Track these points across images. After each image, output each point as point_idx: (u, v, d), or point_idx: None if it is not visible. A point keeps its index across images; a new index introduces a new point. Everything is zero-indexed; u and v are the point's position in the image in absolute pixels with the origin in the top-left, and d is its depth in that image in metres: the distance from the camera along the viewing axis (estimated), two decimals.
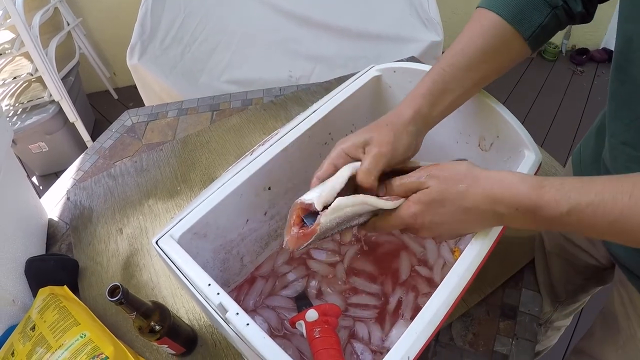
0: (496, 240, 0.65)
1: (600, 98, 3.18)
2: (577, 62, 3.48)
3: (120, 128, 1.43)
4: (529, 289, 0.96)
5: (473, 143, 0.88)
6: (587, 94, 3.24)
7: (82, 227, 1.14)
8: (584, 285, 1.05)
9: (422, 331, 0.56)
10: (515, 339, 0.88)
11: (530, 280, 0.97)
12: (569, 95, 3.24)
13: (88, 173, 1.31)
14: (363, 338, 0.85)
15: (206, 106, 1.46)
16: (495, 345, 0.88)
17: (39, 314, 0.88)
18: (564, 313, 1.21)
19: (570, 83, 3.35)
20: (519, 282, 0.97)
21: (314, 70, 2.06)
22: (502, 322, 0.91)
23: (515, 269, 0.98)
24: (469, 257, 0.62)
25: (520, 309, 0.93)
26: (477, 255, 0.63)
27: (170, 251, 0.65)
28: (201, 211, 0.70)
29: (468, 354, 0.87)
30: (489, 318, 0.92)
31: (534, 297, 0.95)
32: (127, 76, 2.24)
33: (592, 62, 3.51)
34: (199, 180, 1.20)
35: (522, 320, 0.91)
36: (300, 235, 0.64)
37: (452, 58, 0.70)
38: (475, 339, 0.89)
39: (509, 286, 0.96)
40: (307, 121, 0.81)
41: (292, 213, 0.66)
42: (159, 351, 0.90)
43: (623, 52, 0.59)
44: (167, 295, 0.97)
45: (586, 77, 3.39)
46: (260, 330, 0.57)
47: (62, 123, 2.58)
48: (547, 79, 3.39)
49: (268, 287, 0.92)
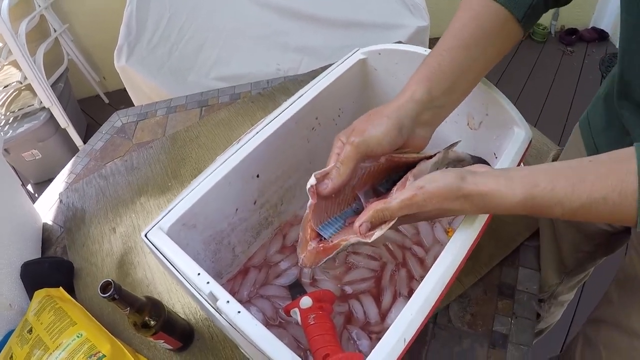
0: (489, 217, 0.64)
1: (591, 77, 3.18)
2: (567, 43, 3.48)
3: (110, 129, 1.43)
4: (526, 267, 0.95)
5: (462, 122, 0.88)
6: (578, 73, 3.24)
7: (75, 228, 1.13)
8: (593, 253, 1.04)
9: (417, 311, 0.55)
10: (514, 318, 0.88)
11: (527, 258, 0.97)
12: (559, 75, 3.24)
13: (80, 176, 1.30)
14: (359, 319, 0.85)
15: (195, 103, 1.45)
16: (495, 324, 0.87)
17: (35, 316, 0.88)
18: (569, 285, 1.20)
19: (560, 63, 3.35)
20: (515, 261, 0.96)
21: (302, 62, 2.05)
22: (500, 302, 0.90)
23: (510, 248, 0.97)
24: (463, 234, 0.62)
25: (518, 288, 0.92)
26: (471, 232, 0.62)
27: (159, 243, 0.64)
28: (189, 201, 0.69)
29: (467, 335, 0.86)
30: (486, 298, 0.91)
31: (531, 275, 0.94)
32: (117, 80, 2.22)
33: (582, 41, 3.50)
34: (189, 175, 1.19)
35: (520, 298, 0.90)
36: (320, 250, 0.61)
37: (447, 43, 0.69)
38: (473, 320, 0.88)
39: (505, 265, 0.96)
40: (293, 107, 0.80)
41: (305, 227, 0.63)
42: (156, 347, 0.89)
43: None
44: (163, 292, 0.97)
45: (576, 57, 3.38)
46: (252, 317, 0.56)
47: (54, 129, 2.57)
48: (537, 60, 3.38)
49: (261, 277, 0.91)
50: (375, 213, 0.58)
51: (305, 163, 0.90)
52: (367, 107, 0.95)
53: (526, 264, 0.96)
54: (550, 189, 0.51)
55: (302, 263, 0.62)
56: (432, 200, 0.56)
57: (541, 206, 0.52)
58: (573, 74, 3.24)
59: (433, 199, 0.56)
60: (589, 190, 0.49)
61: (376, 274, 0.91)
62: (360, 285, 0.89)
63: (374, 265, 0.91)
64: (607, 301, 0.93)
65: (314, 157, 0.91)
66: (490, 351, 0.84)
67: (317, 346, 0.65)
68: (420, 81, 0.67)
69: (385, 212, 0.58)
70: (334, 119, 0.91)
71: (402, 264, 0.92)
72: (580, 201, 0.50)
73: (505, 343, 0.85)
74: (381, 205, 0.58)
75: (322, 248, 0.60)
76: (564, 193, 0.51)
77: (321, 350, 0.64)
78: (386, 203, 0.58)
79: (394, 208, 0.58)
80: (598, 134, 0.85)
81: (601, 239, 0.99)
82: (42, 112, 2.51)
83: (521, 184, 0.53)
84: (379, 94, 0.95)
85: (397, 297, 0.87)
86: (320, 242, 0.61)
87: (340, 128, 0.93)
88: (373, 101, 0.96)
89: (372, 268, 0.91)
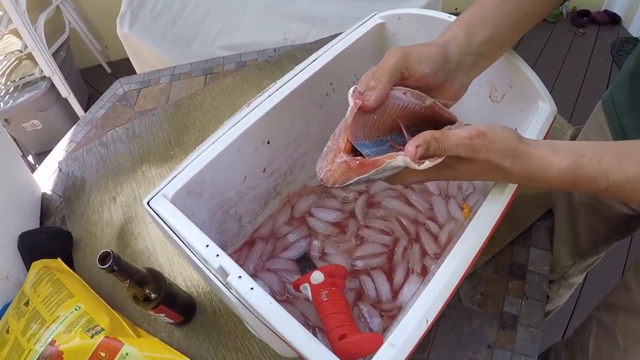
0: (516, 191, 0.61)
1: (602, 60, 3.11)
2: (578, 24, 3.40)
3: (112, 97, 1.40)
4: (537, 247, 0.93)
5: (484, 94, 0.83)
6: (588, 56, 3.17)
7: (75, 198, 1.11)
8: (609, 236, 1.02)
9: (441, 291, 0.52)
10: (524, 299, 0.86)
11: (539, 238, 0.95)
12: (570, 57, 3.17)
13: (80, 144, 1.27)
14: (370, 296, 0.82)
15: (199, 70, 1.41)
16: (505, 305, 0.86)
17: (32, 288, 0.86)
18: (580, 268, 1.18)
19: (571, 45, 3.28)
20: (527, 241, 0.94)
21: (309, 32, 1.99)
22: (510, 282, 0.89)
23: (523, 227, 0.95)
24: (490, 207, 0.58)
25: (529, 268, 0.90)
26: (499, 204, 0.59)
27: (163, 212, 0.60)
28: (196, 167, 0.64)
29: (477, 315, 0.85)
30: (497, 277, 0.89)
31: (543, 255, 0.92)
32: (120, 49, 2.18)
33: (594, 24, 3.42)
34: (193, 143, 1.16)
35: (531, 279, 0.89)
36: (354, 165, 0.50)
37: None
38: (483, 299, 0.87)
39: (517, 244, 0.94)
40: (308, 70, 0.75)
41: (340, 135, 0.54)
42: (156, 321, 0.87)
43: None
44: (164, 263, 0.94)
45: (588, 40, 3.31)
46: (266, 294, 0.52)
47: (55, 99, 2.53)
48: (547, 41, 3.31)
49: (268, 249, 0.88)
50: (432, 139, 0.51)
51: (317, 131, 0.86)
52: None
53: (538, 244, 0.94)
54: (597, 160, 0.49)
55: (323, 177, 0.52)
56: (490, 149, 0.52)
57: (587, 177, 0.50)
58: (584, 57, 3.16)
59: (490, 148, 0.52)
60: (636, 165, 0.48)
61: (388, 249, 0.87)
62: (371, 260, 0.86)
63: (386, 240, 0.88)
64: (625, 287, 0.92)
65: (327, 126, 0.87)
66: (500, 332, 0.83)
67: (331, 325, 0.61)
68: (460, 25, 0.64)
69: (441, 143, 0.51)
70: (348, 85, 0.86)
71: (415, 239, 0.88)
72: (626, 175, 0.48)
73: (515, 324, 0.83)
74: (438, 134, 0.51)
75: (359, 163, 0.50)
76: (610, 165, 0.49)
77: (337, 330, 0.59)
78: (444, 134, 0.51)
79: (451, 142, 0.51)
80: (623, 114, 0.82)
81: (619, 221, 0.96)
82: (43, 81, 2.46)
83: (567, 152, 0.51)
84: None
85: (410, 274, 0.84)
86: (355, 157, 0.52)
87: None
88: None
89: (384, 243, 0.88)
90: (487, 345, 0.81)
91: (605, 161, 0.49)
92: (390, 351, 0.48)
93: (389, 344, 0.49)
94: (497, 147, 0.52)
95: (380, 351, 0.48)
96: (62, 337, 0.76)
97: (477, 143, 0.51)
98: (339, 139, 0.53)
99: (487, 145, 0.52)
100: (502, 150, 0.52)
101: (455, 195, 0.93)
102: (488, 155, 0.52)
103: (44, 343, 0.75)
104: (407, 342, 0.49)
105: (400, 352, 0.48)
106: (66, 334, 0.76)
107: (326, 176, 0.52)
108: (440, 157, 0.51)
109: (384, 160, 0.49)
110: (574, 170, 0.50)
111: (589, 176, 0.50)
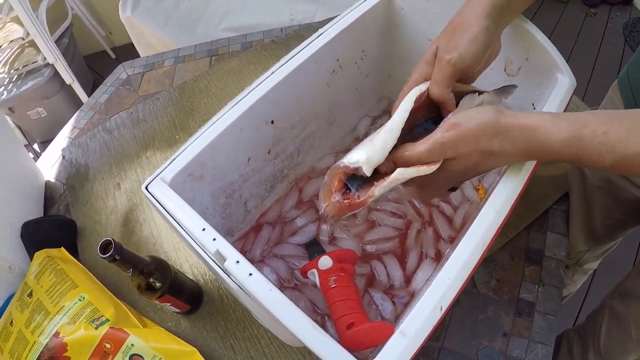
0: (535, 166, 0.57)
1: (614, 41, 3.05)
2: (590, 4, 3.33)
3: (115, 81, 1.36)
4: (554, 232, 0.91)
5: (499, 67, 0.79)
6: (600, 36, 3.11)
7: (78, 185, 1.09)
8: (624, 220, 1.00)
9: (456, 276, 0.49)
10: (541, 285, 0.84)
11: (556, 222, 0.92)
12: (582, 37, 3.11)
13: (84, 130, 1.25)
14: (382, 282, 0.80)
15: (204, 52, 1.38)
16: (521, 292, 0.84)
17: (35, 279, 0.84)
18: (596, 253, 1.17)
19: (583, 25, 3.22)
20: (544, 225, 0.92)
21: (317, 12, 1.95)
22: (527, 268, 0.86)
23: (540, 211, 0.92)
24: (506, 186, 0.55)
25: (546, 254, 0.88)
26: (516, 183, 0.55)
27: (160, 196, 0.57)
28: (195, 149, 0.62)
29: (492, 302, 0.83)
30: (513, 263, 0.87)
31: (560, 240, 0.90)
32: (124, 34, 2.15)
33: (606, 4, 3.34)
34: (198, 126, 1.13)
35: (548, 265, 0.86)
36: (344, 205, 0.54)
37: None
38: (499, 286, 0.84)
39: (533, 229, 0.91)
40: (313, 45, 0.72)
41: (332, 177, 0.57)
42: (163, 310, 0.85)
43: None
44: (170, 250, 0.92)
45: (599, 20, 3.24)
46: (266, 280, 0.49)
47: (59, 86, 2.50)
48: (559, 20, 3.25)
49: (275, 235, 0.86)
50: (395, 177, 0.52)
51: (325, 110, 0.83)
52: (393, 51, 0.88)
53: (555, 229, 0.91)
54: (603, 132, 0.45)
55: (323, 212, 0.56)
56: (467, 138, 0.50)
57: (590, 150, 0.46)
58: (595, 37, 3.11)
59: (467, 137, 0.50)
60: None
61: (400, 233, 0.85)
62: (383, 244, 0.83)
63: (399, 224, 0.85)
64: (639, 275, 0.92)
65: (334, 105, 0.84)
66: (516, 319, 0.81)
67: (339, 313, 0.58)
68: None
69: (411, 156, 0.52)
70: (356, 62, 0.83)
71: (429, 222, 0.86)
72: (636, 148, 0.44)
73: (532, 311, 0.81)
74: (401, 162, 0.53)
75: (348, 204, 0.54)
76: (618, 137, 0.45)
77: (345, 319, 0.57)
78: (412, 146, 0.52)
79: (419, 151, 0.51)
80: (639, 91, 0.79)
81: (634, 206, 0.94)
82: (47, 68, 2.43)
83: (568, 122, 0.47)
84: (406, 37, 0.87)
85: (424, 258, 0.82)
86: (345, 197, 0.55)
87: (364, 73, 0.87)
88: (399, 45, 0.89)
89: (397, 226, 0.85)
90: (502, 333, 0.80)
91: (612, 133, 0.45)
92: (402, 341, 0.45)
93: (400, 332, 0.46)
94: (475, 133, 0.49)
95: (391, 341, 0.46)
96: (66, 329, 0.74)
97: (453, 136, 0.50)
98: (334, 179, 0.56)
99: (463, 134, 0.50)
100: (482, 133, 0.49)
101: None
102: (468, 145, 0.50)
103: (48, 335, 0.74)
104: (420, 331, 0.46)
105: (413, 341, 0.45)
106: (70, 325, 0.74)
107: (325, 211, 0.56)
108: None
109: (367, 201, 0.53)
110: (576, 142, 0.46)
111: (593, 150, 0.46)
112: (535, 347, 0.78)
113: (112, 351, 0.74)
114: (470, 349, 0.79)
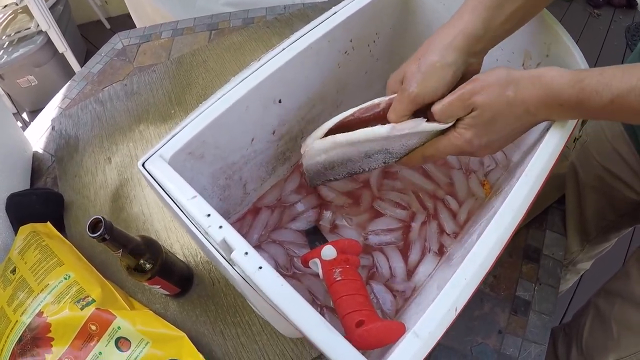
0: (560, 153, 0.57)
1: (616, 43, 3.05)
2: (594, 5, 3.32)
3: (110, 52, 1.32)
4: (553, 231, 0.91)
5: (516, 62, 0.76)
6: (603, 38, 3.11)
7: (67, 157, 1.05)
8: (617, 222, 1.02)
9: (473, 276, 0.47)
10: (538, 284, 0.85)
11: (554, 221, 0.93)
12: (584, 37, 3.11)
13: (75, 101, 1.20)
14: (383, 275, 0.77)
15: (203, 25, 1.33)
16: (518, 289, 0.84)
17: (19, 254, 0.81)
18: (589, 255, 1.19)
19: (586, 25, 3.21)
20: (543, 224, 0.92)
21: None
22: (524, 266, 0.87)
23: (540, 209, 0.93)
24: (529, 180, 0.55)
25: (544, 252, 0.89)
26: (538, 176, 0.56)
27: (159, 174, 0.53)
28: (198, 126, 0.57)
29: (489, 299, 0.83)
30: (511, 260, 0.87)
31: (558, 239, 0.90)
32: (120, 4, 2.10)
33: (610, 5, 3.33)
34: (194, 102, 1.10)
35: (545, 264, 0.87)
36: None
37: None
38: (496, 282, 0.85)
39: (533, 227, 0.92)
40: (327, 23, 0.68)
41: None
42: (151, 291, 0.82)
43: None
44: (160, 229, 0.89)
45: (602, 21, 3.24)
46: (277, 274, 0.46)
47: (51, 54, 2.44)
48: (562, 19, 3.22)
49: (274, 219, 0.82)
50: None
51: (332, 92, 0.79)
52: (407, 36, 0.85)
53: (554, 228, 0.92)
54: (599, 72, 0.49)
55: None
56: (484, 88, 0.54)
57: (589, 90, 0.49)
58: (598, 38, 3.11)
59: (484, 87, 0.54)
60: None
61: (404, 225, 0.81)
62: (386, 236, 0.80)
63: (402, 215, 0.82)
64: (625, 275, 0.93)
65: (343, 87, 0.80)
66: (512, 317, 0.81)
67: (346, 309, 0.54)
68: (475, 9, 0.59)
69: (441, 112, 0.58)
70: (369, 44, 0.79)
71: (433, 215, 0.83)
72: (631, 84, 0.46)
73: (528, 310, 0.82)
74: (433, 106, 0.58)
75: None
76: (613, 74, 0.48)
77: (353, 315, 0.53)
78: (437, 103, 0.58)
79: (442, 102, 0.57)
80: None
81: (627, 208, 0.96)
82: (39, 35, 2.37)
83: (570, 71, 0.52)
84: (421, 21, 0.83)
85: (426, 252, 0.79)
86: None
87: (375, 56, 0.83)
88: (413, 29, 0.85)
89: (400, 218, 0.82)
90: (497, 330, 0.80)
91: (608, 73, 0.49)
92: (416, 342, 0.43)
93: (413, 333, 0.43)
94: (490, 82, 0.54)
95: (404, 342, 0.43)
96: (50, 308, 0.71)
97: (470, 88, 0.55)
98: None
99: (479, 84, 0.55)
100: (497, 82, 0.54)
101: (477, 170, 0.88)
102: (485, 93, 0.54)
103: (31, 314, 0.70)
104: (433, 333, 0.43)
105: (426, 343, 0.43)
106: (54, 305, 0.71)
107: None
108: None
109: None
110: (577, 83, 0.50)
111: (591, 89, 0.49)
112: (529, 346, 0.78)
113: (98, 333, 0.71)
114: (465, 345, 0.78)
